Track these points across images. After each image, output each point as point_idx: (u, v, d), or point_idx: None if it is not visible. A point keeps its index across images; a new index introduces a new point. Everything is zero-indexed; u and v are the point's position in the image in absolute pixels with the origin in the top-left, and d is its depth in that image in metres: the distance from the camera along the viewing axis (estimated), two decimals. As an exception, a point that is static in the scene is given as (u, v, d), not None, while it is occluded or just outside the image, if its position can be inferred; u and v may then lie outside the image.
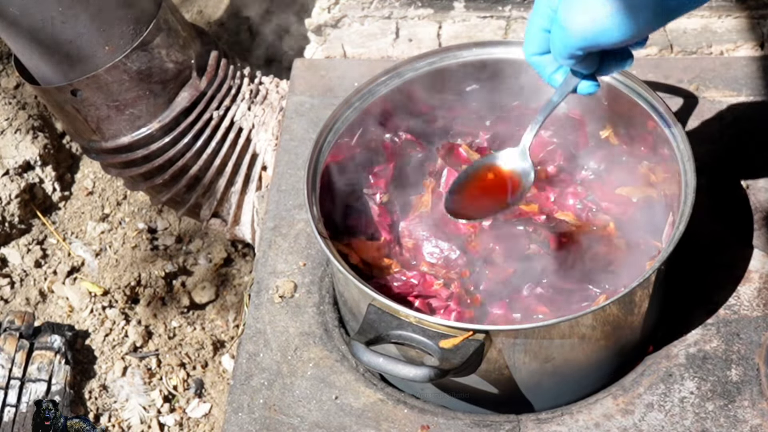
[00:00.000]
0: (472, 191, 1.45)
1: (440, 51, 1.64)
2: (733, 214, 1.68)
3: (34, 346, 1.94)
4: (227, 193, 1.96)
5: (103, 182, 2.30)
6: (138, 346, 2.04)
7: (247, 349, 1.58)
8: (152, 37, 1.76)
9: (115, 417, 1.95)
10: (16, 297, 2.13)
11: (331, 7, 2.10)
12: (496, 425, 1.46)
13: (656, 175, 1.58)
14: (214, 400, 1.99)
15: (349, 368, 1.54)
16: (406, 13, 2.07)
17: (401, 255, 1.60)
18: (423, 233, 1.61)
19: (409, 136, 1.68)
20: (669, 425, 1.43)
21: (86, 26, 1.69)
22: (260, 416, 1.50)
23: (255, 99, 1.95)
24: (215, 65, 1.88)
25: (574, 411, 1.47)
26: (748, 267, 1.59)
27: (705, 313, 1.55)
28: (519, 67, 1.63)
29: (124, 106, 1.79)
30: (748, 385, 1.46)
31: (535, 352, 1.39)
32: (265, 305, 1.63)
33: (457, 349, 1.31)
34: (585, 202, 1.64)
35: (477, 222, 1.56)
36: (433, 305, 1.52)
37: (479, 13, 2.06)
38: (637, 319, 1.46)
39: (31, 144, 2.24)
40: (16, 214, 2.20)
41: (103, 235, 2.22)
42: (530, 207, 1.62)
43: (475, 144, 1.71)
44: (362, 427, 1.47)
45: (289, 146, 1.86)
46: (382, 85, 1.62)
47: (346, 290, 1.52)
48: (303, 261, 1.69)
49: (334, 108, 1.58)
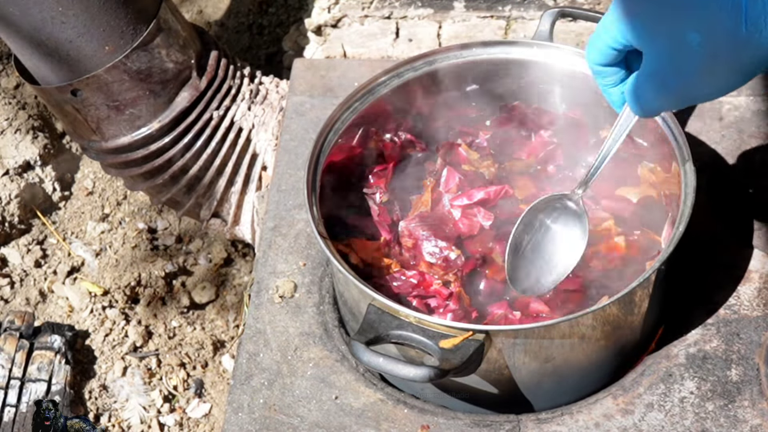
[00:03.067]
0: (531, 256, 1.48)
1: (440, 51, 1.64)
2: (733, 214, 1.68)
3: (34, 346, 1.94)
4: (227, 193, 1.96)
5: (103, 182, 2.30)
6: (138, 346, 2.04)
7: (247, 349, 1.58)
8: (152, 37, 1.76)
9: (115, 417, 1.95)
10: (16, 297, 2.13)
11: (331, 7, 2.10)
12: (496, 425, 1.46)
13: (656, 175, 1.58)
14: (214, 400, 1.99)
15: (349, 368, 1.54)
16: (406, 13, 2.07)
17: (401, 255, 1.60)
18: (423, 233, 1.61)
19: (408, 135, 1.68)
20: (669, 425, 1.43)
21: (86, 26, 1.69)
22: (260, 416, 1.50)
23: (255, 99, 1.95)
24: (215, 65, 1.88)
25: (574, 411, 1.47)
26: (748, 267, 1.59)
27: (705, 313, 1.55)
28: (519, 67, 1.63)
29: (124, 106, 1.79)
30: (748, 385, 1.46)
31: (535, 352, 1.39)
32: (265, 305, 1.63)
33: (457, 349, 1.31)
34: (585, 200, 1.64)
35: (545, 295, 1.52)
36: (432, 305, 1.52)
37: (479, 13, 2.06)
38: (637, 319, 1.46)
39: (31, 144, 2.24)
40: (16, 214, 2.20)
41: (103, 235, 2.22)
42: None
43: (474, 144, 1.71)
44: (362, 427, 1.47)
45: (289, 146, 1.86)
46: (382, 85, 1.62)
47: (346, 290, 1.52)
48: (303, 261, 1.69)
49: (334, 108, 1.58)
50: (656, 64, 1.11)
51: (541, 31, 1.64)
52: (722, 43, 1.05)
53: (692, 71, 1.09)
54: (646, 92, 1.16)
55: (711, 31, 1.05)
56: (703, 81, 1.10)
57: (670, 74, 1.11)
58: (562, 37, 2.04)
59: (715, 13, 1.04)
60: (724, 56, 1.06)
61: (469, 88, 1.67)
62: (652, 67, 1.12)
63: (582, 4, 2.05)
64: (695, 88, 1.11)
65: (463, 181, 1.65)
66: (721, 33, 1.05)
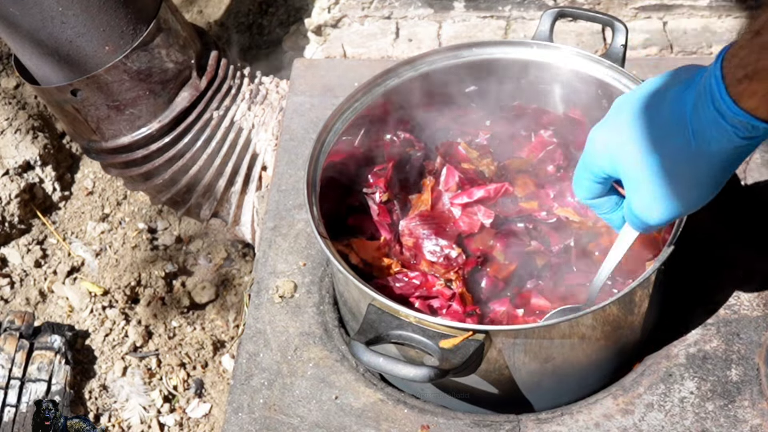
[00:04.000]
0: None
1: (440, 51, 1.64)
2: (733, 214, 1.68)
3: (34, 346, 1.94)
4: (227, 193, 1.96)
5: (103, 182, 2.30)
6: (138, 346, 2.04)
7: (247, 349, 1.58)
8: (152, 37, 1.76)
9: (115, 417, 1.95)
10: (16, 297, 2.13)
11: (331, 7, 2.10)
12: (496, 425, 1.46)
13: (656, 175, 1.58)
14: (214, 400, 1.99)
15: (349, 368, 1.54)
16: (406, 13, 2.07)
17: (401, 254, 1.60)
18: (423, 232, 1.61)
19: (408, 135, 1.68)
20: (669, 425, 1.43)
21: (86, 26, 1.69)
22: (260, 416, 1.50)
23: (255, 99, 1.95)
24: (215, 65, 1.88)
25: (574, 411, 1.47)
26: (748, 267, 1.59)
27: (705, 313, 1.55)
28: (519, 67, 1.63)
29: (124, 106, 1.79)
30: (748, 385, 1.46)
31: (535, 352, 1.39)
32: (265, 305, 1.63)
33: (457, 349, 1.30)
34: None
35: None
36: (435, 306, 1.52)
37: (479, 13, 2.06)
38: (637, 319, 1.46)
39: (31, 144, 2.24)
40: (16, 214, 2.20)
41: (103, 235, 2.22)
42: (530, 204, 1.63)
43: (474, 143, 1.71)
44: (362, 427, 1.47)
45: (289, 146, 1.86)
46: (382, 85, 1.62)
47: (346, 290, 1.52)
48: (303, 261, 1.69)
49: (334, 108, 1.58)
50: (633, 190, 1.19)
51: (541, 31, 1.64)
52: (677, 160, 1.13)
53: (666, 190, 1.16)
54: (636, 221, 1.23)
55: (664, 152, 1.13)
56: (681, 196, 1.16)
57: (650, 197, 1.18)
58: (562, 37, 2.04)
59: (664, 134, 1.12)
60: (685, 172, 1.13)
61: (468, 88, 1.67)
62: (631, 194, 1.20)
63: (582, 4, 2.05)
64: (678, 203, 1.17)
65: (463, 180, 1.65)
66: (673, 151, 1.12)
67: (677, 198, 1.17)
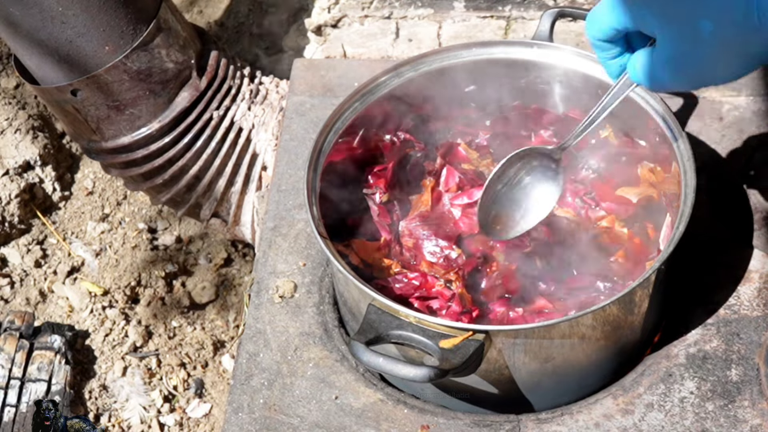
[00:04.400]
0: (506, 203, 1.51)
1: (440, 51, 1.64)
2: (733, 214, 1.68)
3: (34, 346, 1.94)
4: (227, 193, 1.96)
5: (103, 182, 2.30)
6: (138, 346, 2.04)
7: (247, 349, 1.58)
8: (152, 37, 1.76)
9: (115, 417, 1.95)
10: (16, 297, 2.13)
11: (331, 7, 2.10)
12: (496, 425, 1.46)
13: (656, 175, 1.58)
14: (214, 400, 1.99)
15: (349, 368, 1.54)
16: (406, 13, 2.07)
17: (401, 254, 1.60)
18: (423, 232, 1.61)
19: (408, 135, 1.68)
20: (669, 425, 1.43)
21: (86, 26, 1.69)
22: (260, 416, 1.50)
23: (255, 99, 1.95)
24: (215, 65, 1.88)
25: (574, 411, 1.47)
26: (748, 267, 1.59)
27: (705, 313, 1.55)
28: (519, 67, 1.63)
29: (124, 106, 1.79)
30: (748, 385, 1.46)
31: (535, 352, 1.39)
32: (265, 305, 1.63)
33: (457, 349, 1.31)
34: (585, 199, 1.64)
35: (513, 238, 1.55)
36: (434, 307, 1.53)
37: (479, 13, 2.06)
38: (637, 319, 1.46)
39: (31, 144, 2.24)
40: (16, 214, 2.20)
41: (103, 235, 2.22)
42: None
43: (474, 143, 1.71)
44: (362, 427, 1.47)
45: (289, 146, 1.86)
46: (381, 85, 1.62)
47: (346, 290, 1.52)
48: (303, 261, 1.69)
49: (334, 108, 1.58)
50: (670, 49, 1.14)
51: (541, 31, 1.64)
52: (733, 31, 1.07)
53: (705, 58, 1.11)
54: (661, 75, 1.18)
55: (723, 19, 1.07)
56: (715, 67, 1.12)
57: (683, 59, 1.13)
58: (562, 37, 2.04)
59: (728, 2, 1.06)
60: (735, 44, 1.09)
61: (468, 88, 1.67)
62: (666, 52, 1.14)
63: (582, 4, 2.05)
64: (708, 72, 1.13)
65: (463, 180, 1.65)
66: (733, 22, 1.07)
67: (714, 68, 1.13)
